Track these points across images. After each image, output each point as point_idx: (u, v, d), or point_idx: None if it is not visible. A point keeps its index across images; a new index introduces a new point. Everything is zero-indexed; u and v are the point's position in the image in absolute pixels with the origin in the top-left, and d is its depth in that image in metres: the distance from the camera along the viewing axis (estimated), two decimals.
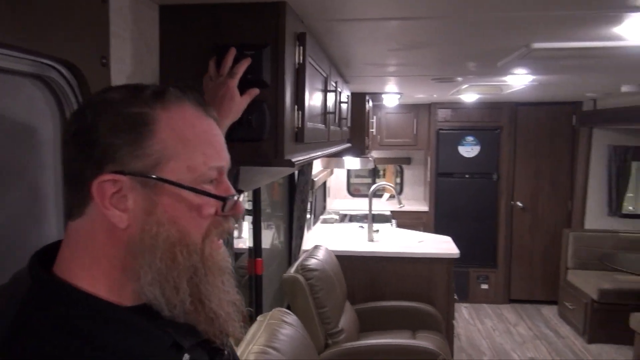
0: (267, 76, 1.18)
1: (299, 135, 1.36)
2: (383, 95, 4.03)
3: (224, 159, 0.69)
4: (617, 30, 1.57)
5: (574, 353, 4.21)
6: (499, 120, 5.23)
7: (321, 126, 1.77)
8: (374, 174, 6.21)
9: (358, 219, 4.78)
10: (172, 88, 0.67)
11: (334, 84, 2.06)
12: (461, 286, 5.08)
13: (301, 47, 1.33)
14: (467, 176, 5.33)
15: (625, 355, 4.00)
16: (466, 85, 3.27)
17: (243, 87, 1.12)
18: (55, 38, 0.80)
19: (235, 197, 0.68)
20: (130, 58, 1.09)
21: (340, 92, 2.23)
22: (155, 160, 0.62)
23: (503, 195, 5.29)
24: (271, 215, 3.28)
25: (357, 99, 3.48)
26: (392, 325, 3.28)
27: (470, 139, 5.27)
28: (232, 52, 1.14)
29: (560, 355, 4.17)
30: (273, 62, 1.20)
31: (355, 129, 3.42)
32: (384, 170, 6.29)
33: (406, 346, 2.86)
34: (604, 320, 4.31)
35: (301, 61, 1.33)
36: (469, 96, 4.29)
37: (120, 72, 1.04)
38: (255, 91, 1.15)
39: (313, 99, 1.57)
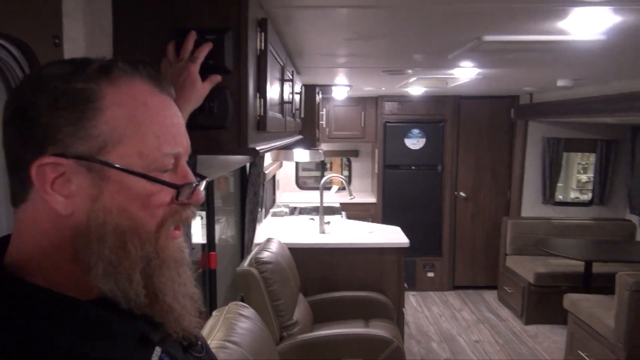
0: (229, 62, 1.15)
1: (261, 124, 1.33)
2: (333, 88, 4.05)
3: (182, 144, 0.63)
4: (561, 24, 1.66)
5: (514, 334, 4.44)
6: (443, 113, 5.39)
7: (279, 116, 1.75)
8: (322, 167, 6.24)
9: (308, 212, 4.78)
10: (121, 62, 0.61)
11: (290, 74, 2.04)
12: (409, 275, 5.21)
13: (263, 34, 1.30)
14: (413, 168, 5.47)
15: (560, 334, 4.26)
16: (415, 78, 3.34)
17: (204, 73, 1.08)
18: (4, 14, 0.74)
19: (194, 184, 0.63)
20: (83, 39, 1.02)
21: (294, 83, 2.21)
22: (102, 143, 0.57)
23: (447, 186, 5.48)
24: (220, 209, 3.22)
25: (308, 91, 3.47)
26: (346, 315, 3.31)
27: (416, 131, 5.41)
28: (193, 36, 1.09)
29: (502, 337, 4.38)
30: (235, 47, 1.16)
31: (306, 121, 3.41)
32: (331, 163, 6.34)
33: (360, 335, 2.90)
34: (540, 302, 4.57)
35: (262, 48, 1.31)
36: (416, 89, 4.39)
37: (73, 53, 0.97)
38: (217, 78, 1.10)
39: (272, 88, 1.54)
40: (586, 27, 1.67)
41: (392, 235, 3.77)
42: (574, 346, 3.72)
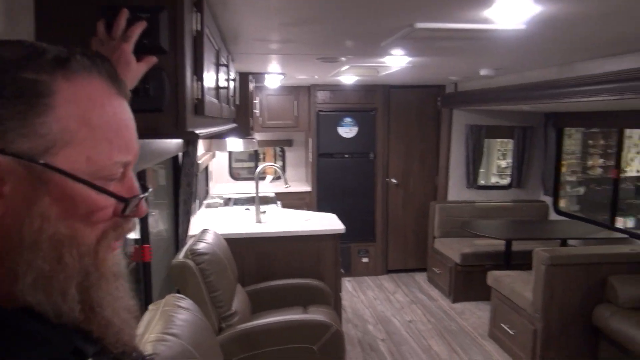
0: (165, 42, 1.10)
1: (199, 108, 1.30)
2: (266, 76, 4.01)
3: (133, 152, 0.59)
4: (487, 12, 1.74)
5: (444, 312, 4.67)
6: (374, 102, 5.52)
7: (215, 101, 1.71)
8: (256, 157, 6.18)
9: (243, 202, 4.73)
10: (79, 55, 0.55)
11: (225, 59, 2.00)
12: (344, 261, 5.31)
13: (199, 14, 1.26)
14: (346, 156, 5.56)
15: (484, 309, 4.53)
16: (348, 66, 3.38)
17: (138, 54, 1.03)
18: None
19: (140, 197, 0.60)
20: (1, 16, 0.94)
21: (230, 69, 2.17)
22: (49, 143, 0.51)
23: (379, 173, 5.62)
24: (151, 202, 3.09)
25: (241, 79, 3.42)
26: (284, 303, 3.32)
27: (348, 120, 5.49)
28: (125, 14, 1.03)
29: (433, 316, 4.59)
30: (171, 27, 1.12)
31: (239, 110, 3.36)
32: (264, 153, 6.29)
33: (299, 321, 2.92)
34: (466, 281, 4.84)
35: (199, 29, 1.27)
36: (348, 78, 4.45)
37: None
38: (153, 59, 1.05)
39: (208, 71, 1.50)
40: (509, 16, 1.77)
41: (328, 223, 3.82)
42: (497, 319, 3.97)
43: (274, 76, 4.08)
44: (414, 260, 5.80)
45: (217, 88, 1.78)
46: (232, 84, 2.41)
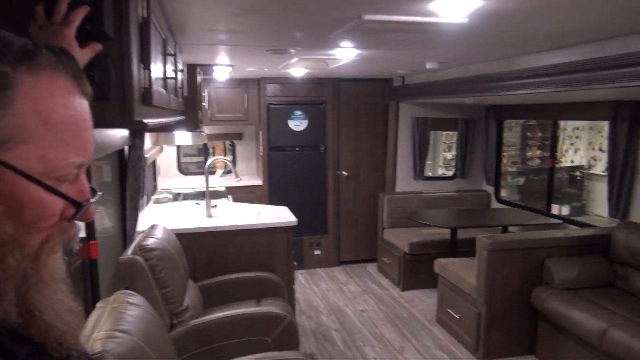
0: (109, 28, 1.06)
1: (147, 97, 1.27)
2: (214, 68, 3.94)
3: (88, 154, 0.57)
4: (431, 6, 1.80)
5: (395, 300, 4.79)
6: (324, 95, 5.55)
7: (163, 91, 1.67)
8: (205, 151, 6.08)
9: (192, 197, 4.64)
10: (45, 49, 0.53)
11: (172, 49, 1.95)
12: (297, 254, 5.34)
13: (145, 0, 1.23)
14: (297, 149, 5.57)
15: (432, 296, 4.68)
16: (297, 59, 3.38)
17: (82, 41, 0.99)
18: None
19: (91, 201, 0.58)
20: None
21: (177, 59, 2.12)
22: (3, 138, 0.50)
23: (330, 166, 5.67)
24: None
25: (189, 71, 3.35)
26: (237, 297, 3.30)
27: (298, 113, 5.50)
28: None
29: (384, 304, 4.70)
30: (115, 13, 1.08)
31: (187, 102, 3.30)
32: (214, 148, 6.20)
33: (252, 314, 2.91)
34: (414, 269, 4.98)
35: (145, 15, 1.23)
36: (298, 71, 4.45)
37: None
38: (97, 46, 1.02)
39: (156, 61, 1.47)
40: (452, 9, 1.83)
41: (280, 215, 3.82)
42: (444, 305, 4.12)
43: (223, 68, 4.02)
44: (366, 251, 5.90)
45: (165, 78, 1.74)
46: (180, 75, 2.36)
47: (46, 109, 0.52)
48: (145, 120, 1.19)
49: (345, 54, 3.16)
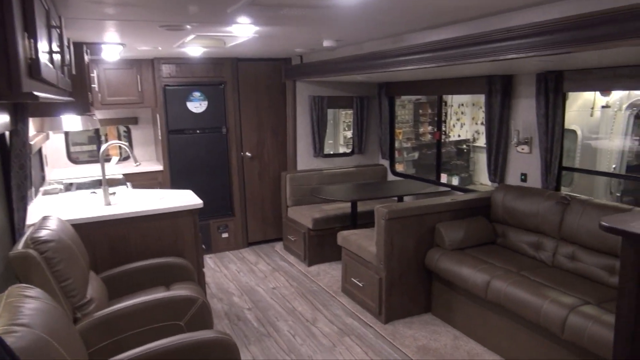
0: None
1: (34, 68, 1.18)
2: (102, 47, 3.69)
3: None
4: None
5: (304, 275, 4.92)
6: (222, 75, 5.44)
7: (51, 66, 1.55)
8: (97, 138, 5.71)
9: (87, 186, 4.36)
10: None
11: (56, 22, 1.81)
12: (204, 238, 5.25)
13: None
14: (198, 131, 5.43)
15: (337, 268, 4.88)
16: (193, 36, 3.29)
17: None
18: None
19: None
20: None
21: (63, 33, 1.97)
22: None
23: (233, 147, 5.61)
24: None
25: (75, 50, 3.11)
26: (145, 285, 3.20)
27: (197, 94, 5.35)
28: None
29: (295, 280, 4.81)
30: None
31: (75, 84, 3.07)
32: (107, 134, 5.84)
33: (162, 299, 2.83)
34: (319, 244, 5.14)
35: None
36: (194, 49, 4.32)
37: None
38: None
39: (40, 31, 1.36)
40: None
41: (185, 199, 3.73)
42: (348, 275, 4.32)
43: (113, 47, 3.77)
44: (274, 230, 5.96)
45: (51, 52, 1.62)
46: (66, 52, 2.20)
47: None
48: (36, 93, 1.12)
49: (243, 31, 3.13)
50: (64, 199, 3.84)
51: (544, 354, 2.98)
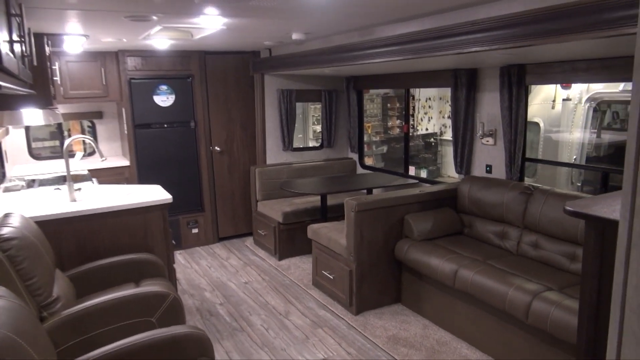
0: None
1: None
2: (65, 38, 3.57)
3: None
4: None
5: (275, 269, 4.92)
6: (190, 68, 5.36)
7: (11, 55, 1.50)
8: (60, 133, 5.53)
9: (51, 182, 4.22)
10: None
11: (16, 10, 1.74)
12: (174, 234, 5.17)
13: None
14: (166, 126, 5.34)
15: (307, 262, 4.90)
16: (159, 28, 3.22)
17: None
18: None
19: None
20: None
21: (23, 22, 1.90)
22: None
23: (202, 142, 5.54)
24: None
25: (36, 41, 3.00)
26: (114, 282, 3.13)
27: (164, 87, 5.25)
28: None
29: (267, 274, 4.80)
30: None
31: (36, 77, 2.96)
32: (70, 129, 5.67)
33: (132, 295, 2.78)
34: (289, 238, 5.13)
35: None
36: (160, 42, 4.23)
37: None
38: None
39: None
40: None
41: (153, 194, 3.66)
42: (319, 268, 4.34)
43: (75, 38, 3.65)
44: (244, 225, 5.93)
45: (11, 41, 1.56)
46: (27, 41, 2.12)
47: None
48: None
49: (211, 23, 3.08)
50: (26, 195, 3.72)
51: (510, 340, 3.07)
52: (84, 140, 5.56)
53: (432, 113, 9.37)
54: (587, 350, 1.53)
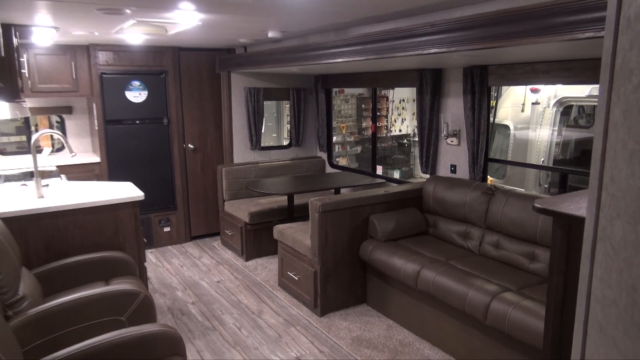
0: None
1: None
2: (33, 29, 3.47)
3: None
4: None
5: (246, 268, 4.89)
6: (163, 64, 5.28)
7: None
8: (27, 128, 5.38)
9: (16, 178, 4.10)
10: None
11: None
12: (145, 233, 5.09)
13: None
14: (138, 122, 5.24)
15: (274, 262, 4.87)
16: (133, 21, 3.17)
17: None
18: None
19: None
20: None
21: None
22: None
23: (175, 139, 5.47)
24: None
25: (3, 32, 2.91)
26: (82, 281, 3.06)
27: (136, 83, 5.16)
28: None
29: (240, 273, 4.77)
30: None
31: (3, 69, 2.88)
32: (37, 124, 5.52)
33: (102, 294, 2.72)
34: (256, 238, 5.08)
35: None
36: (133, 36, 4.16)
37: None
38: None
39: None
40: None
41: (124, 191, 3.59)
42: (284, 269, 4.29)
43: (44, 30, 3.55)
44: (217, 224, 5.86)
45: None
46: None
47: None
48: None
49: (186, 19, 3.05)
50: None
51: (471, 340, 3.10)
52: (52, 136, 5.41)
53: (406, 115, 9.47)
54: (553, 343, 1.58)
